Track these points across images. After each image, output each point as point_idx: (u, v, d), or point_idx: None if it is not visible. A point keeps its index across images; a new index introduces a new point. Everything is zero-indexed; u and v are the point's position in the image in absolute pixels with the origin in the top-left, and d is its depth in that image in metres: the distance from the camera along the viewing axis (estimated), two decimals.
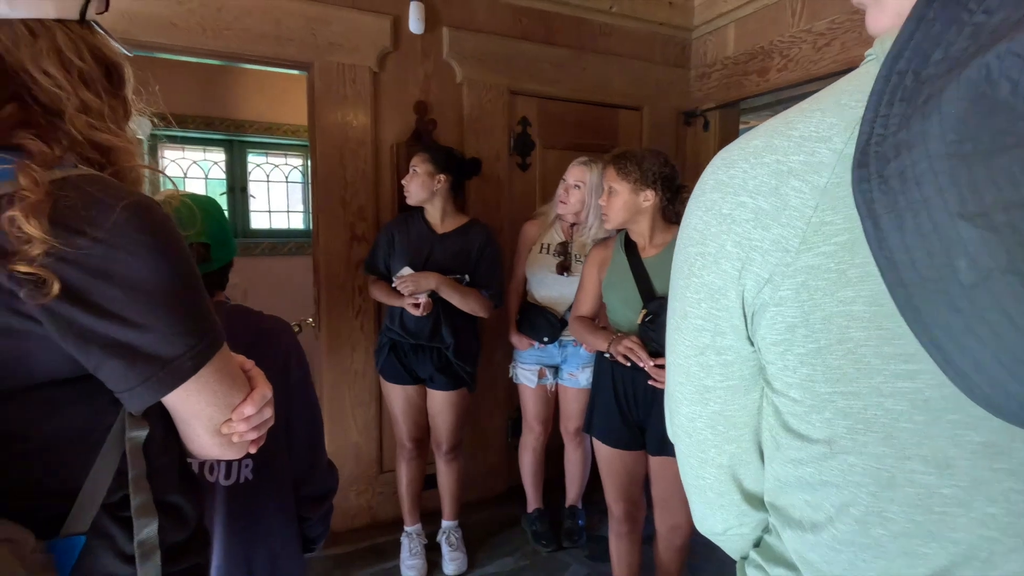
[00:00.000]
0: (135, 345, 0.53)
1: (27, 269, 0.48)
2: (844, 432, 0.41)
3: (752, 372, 0.48)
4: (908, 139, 0.30)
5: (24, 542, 0.50)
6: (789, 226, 0.41)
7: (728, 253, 0.44)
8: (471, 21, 2.47)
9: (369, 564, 2.24)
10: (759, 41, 2.58)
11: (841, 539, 0.43)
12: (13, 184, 0.49)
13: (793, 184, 0.41)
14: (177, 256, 0.56)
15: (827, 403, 0.41)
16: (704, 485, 0.55)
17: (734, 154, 0.46)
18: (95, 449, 0.56)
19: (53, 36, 0.55)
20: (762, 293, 0.43)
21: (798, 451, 0.45)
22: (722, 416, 0.50)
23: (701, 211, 0.47)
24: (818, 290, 0.40)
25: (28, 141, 0.52)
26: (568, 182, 2.17)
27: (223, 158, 3.70)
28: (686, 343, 0.50)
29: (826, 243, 0.39)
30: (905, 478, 0.39)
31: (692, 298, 0.48)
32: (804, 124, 0.42)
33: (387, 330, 2.13)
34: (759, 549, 0.55)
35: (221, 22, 2.03)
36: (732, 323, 0.46)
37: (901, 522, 0.40)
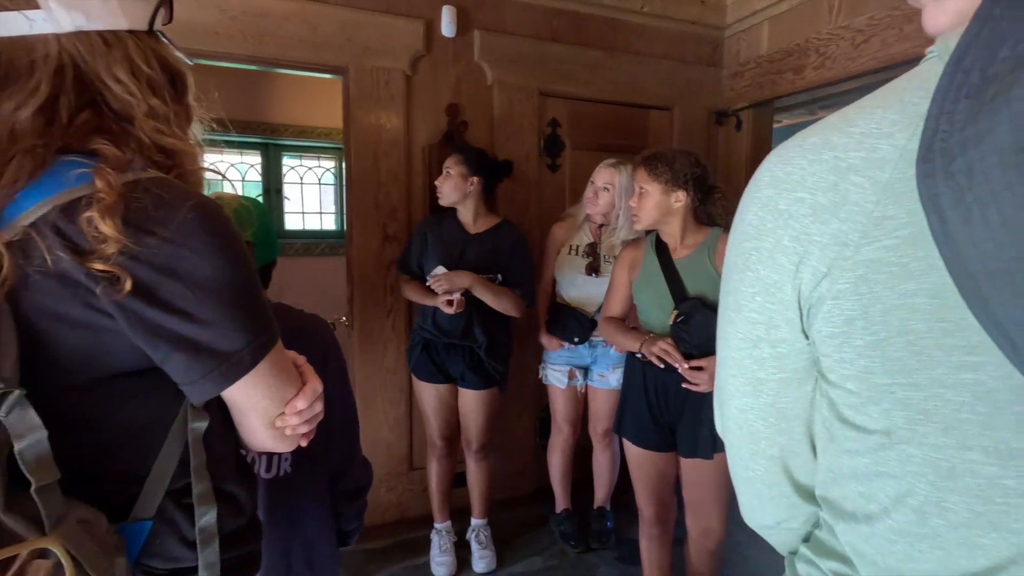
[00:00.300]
0: (198, 340, 0.56)
1: (102, 267, 0.51)
2: (903, 423, 0.41)
3: (805, 365, 0.48)
4: (975, 135, 0.30)
5: (99, 524, 0.54)
6: (849, 221, 0.41)
7: (785, 248, 0.45)
8: (502, 23, 2.49)
9: (400, 559, 2.28)
10: (794, 39, 2.54)
11: (897, 530, 0.43)
12: (90, 187, 0.52)
13: (853, 179, 0.41)
14: (237, 255, 0.59)
15: (885, 394, 0.42)
16: (754, 477, 0.56)
17: (791, 151, 0.46)
18: (161, 438, 0.59)
19: (125, 46, 0.59)
20: (820, 287, 0.43)
21: (854, 442, 0.45)
22: (774, 408, 0.51)
23: (756, 207, 0.48)
24: (878, 283, 0.40)
25: (103, 146, 0.55)
26: (596, 184, 2.17)
27: (259, 161, 3.80)
28: (739, 336, 0.51)
29: (888, 237, 0.40)
30: (966, 468, 0.39)
31: (747, 292, 0.49)
32: (864, 121, 0.42)
33: (420, 329, 2.16)
34: (809, 544, 0.55)
35: (261, 29, 2.09)
36: (787, 316, 0.47)
37: (961, 512, 0.40)
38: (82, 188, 0.53)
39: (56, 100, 0.55)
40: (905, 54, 2.08)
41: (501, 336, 2.16)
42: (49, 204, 0.52)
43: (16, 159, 0.52)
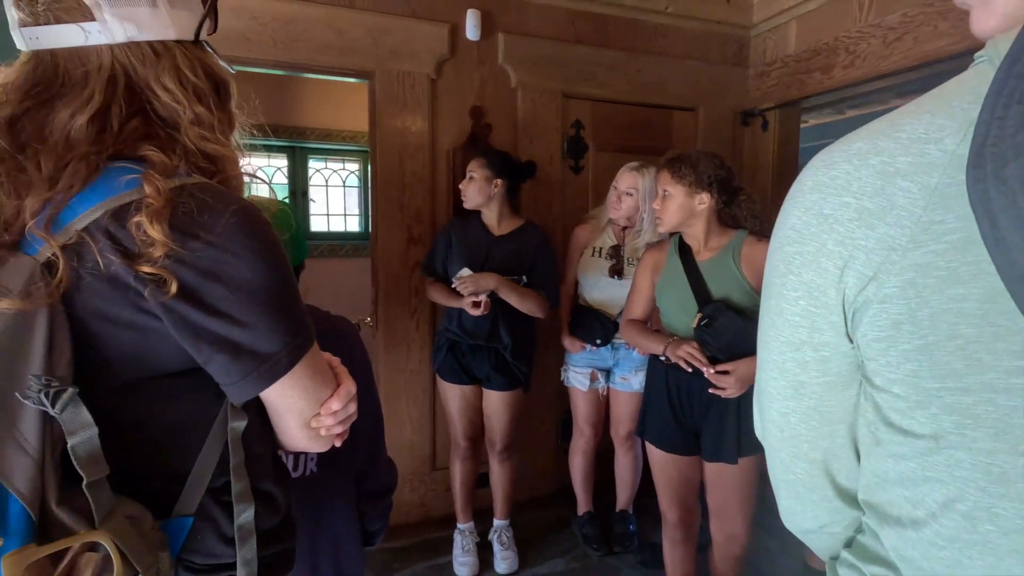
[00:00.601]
0: (239, 342, 0.57)
1: (150, 270, 0.53)
2: (951, 427, 0.41)
3: (849, 368, 0.48)
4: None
5: (144, 520, 0.55)
6: (896, 225, 0.41)
7: (829, 252, 0.45)
8: (526, 26, 2.50)
9: (423, 559, 2.29)
10: (823, 37, 2.49)
11: (945, 535, 0.43)
12: (139, 192, 0.54)
13: (901, 184, 0.41)
14: (277, 259, 0.60)
15: (933, 398, 0.42)
16: (795, 480, 0.56)
17: (835, 156, 0.46)
18: (202, 437, 0.61)
19: (173, 55, 0.61)
20: (865, 291, 0.43)
21: (900, 446, 0.45)
22: (817, 412, 0.51)
23: (800, 211, 0.48)
24: (927, 287, 0.40)
25: (151, 152, 0.57)
26: (620, 189, 2.17)
27: (286, 164, 3.86)
28: (781, 339, 0.51)
29: (936, 242, 0.40)
30: (1018, 474, 0.39)
31: (789, 295, 0.49)
32: (912, 126, 0.42)
33: (445, 331, 2.18)
34: (852, 549, 0.54)
35: (290, 35, 2.13)
36: (831, 320, 0.47)
37: (1012, 519, 0.40)
38: (132, 193, 0.54)
39: (108, 108, 0.58)
40: (939, 52, 2.03)
41: (526, 337, 2.16)
42: (101, 209, 0.54)
43: (71, 165, 0.55)
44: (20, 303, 0.50)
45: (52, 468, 0.50)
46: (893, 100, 3.54)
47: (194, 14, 0.64)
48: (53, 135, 0.57)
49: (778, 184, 2.84)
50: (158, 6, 0.59)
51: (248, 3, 2.06)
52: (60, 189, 0.54)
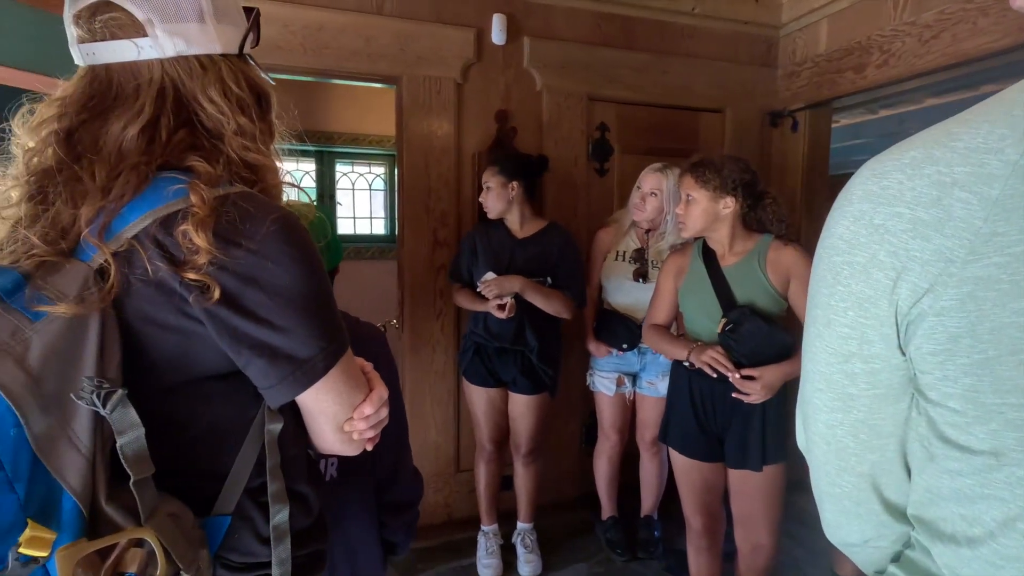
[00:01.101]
0: (276, 346, 0.59)
1: (195, 276, 0.55)
2: (1014, 444, 0.40)
3: (901, 381, 0.47)
4: None
5: (186, 518, 0.57)
6: (954, 237, 0.40)
7: (881, 263, 0.44)
8: (551, 30, 2.50)
9: (447, 560, 2.31)
10: (855, 36, 2.44)
11: (1005, 554, 0.42)
12: (186, 201, 0.56)
13: (958, 195, 0.40)
14: (314, 266, 0.62)
15: (994, 414, 0.41)
16: (841, 493, 0.55)
17: (887, 165, 0.46)
18: (240, 439, 0.63)
19: (219, 68, 0.63)
20: (920, 303, 0.43)
21: (956, 462, 0.44)
22: (866, 425, 0.50)
23: (848, 221, 0.47)
24: (987, 300, 0.39)
25: (196, 163, 0.60)
26: (644, 190, 2.15)
27: (314, 168, 3.93)
28: (829, 351, 0.51)
29: (998, 254, 0.39)
30: None
31: (838, 306, 0.48)
32: (970, 135, 0.41)
33: (471, 334, 2.19)
34: (899, 564, 0.53)
35: (319, 42, 2.17)
36: (882, 332, 0.46)
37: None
38: (178, 202, 0.57)
39: (158, 120, 0.60)
40: (980, 49, 1.97)
41: (552, 340, 2.16)
42: (150, 217, 0.56)
43: (123, 175, 0.57)
44: (75, 308, 0.52)
45: (102, 466, 0.52)
46: (928, 99, 3.45)
47: (238, 29, 0.66)
48: (107, 146, 0.60)
49: (808, 186, 2.79)
50: (206, 22, 0.62)
51: (279, 11, 2.11)
52: (112, 198, 0.57)
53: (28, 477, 0.48)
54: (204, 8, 0.62)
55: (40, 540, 0.45)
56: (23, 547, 0.45)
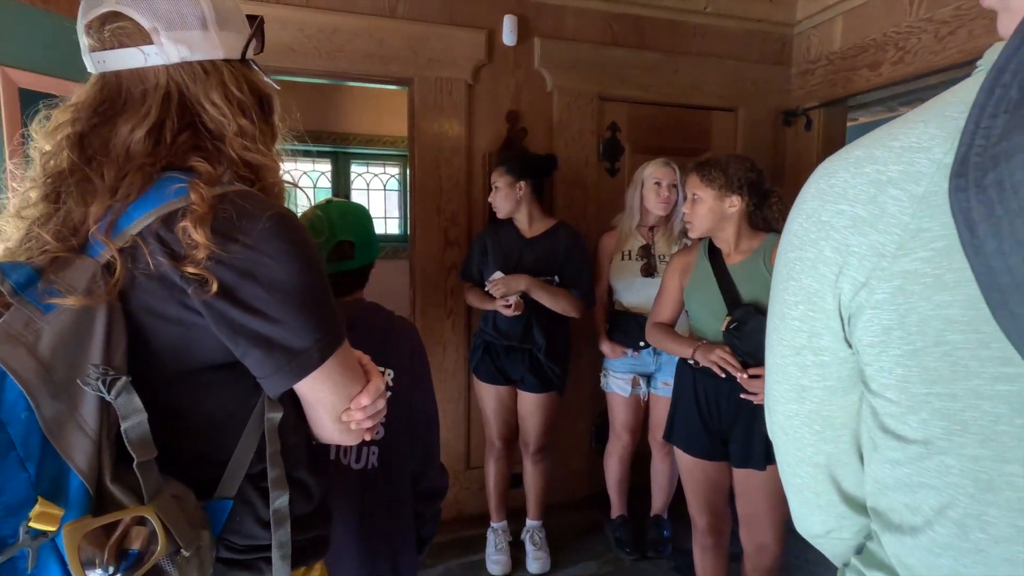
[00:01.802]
0: (272, 337, 0.62)
1: (194, 270, 0.58)
2: (940, 433, 0.41)
3: (850, 373, 0.49)
4: (1008, 150, 0.30)
5: (188, 500, 0.60)
6: (886, 232, 0.42)
7: (826, 258, 0.46)
8: (562, 30, 2.51)
9: (456, 556, 2.33)
10: (870, 33, 2.41)
11: (940, 543, 0.43)
12: (186, 199, 0.60)
13: (891, 192, 0.42)
14: (310, 261, 0.64)
15: (923, 404, 0.42)
16: (801, 484, 0.56)
17: (836, 164, 0.47)
18: (241, 427, 0.66)
19: (221, 73, 0.67)
20: (858, 296, 0.44)
21: (895, 451, 0.45)
22: (819, 416, 0.52)
23: (802, 218, 0.49)
24: (914, 294, 0.41)
25: (198, 163, 0.63)
26: (663, 184, 2.17)
27: (329, 169, 4.00)
28: (784, 343, 0.52)
29: (923, 249, 0.40)
30: (1005, 482, 0.39)
31: (790, 300, 0.51)
32: (906, 135, 0.43)
33: (481, 332, 2.22)
34: (861, 556, 0.54)
35: (333, 45, 2.21)
36: (828, 325, 0.48)
37: (1002, 527, 0.40)
38: (179, 201, 0.60)
39: (163, 123, 0.64)
40: None
41: (560, 339, 2.18)
42: (153, 215, 0.60)
43: (129, 176, 0.61)
44: (83, 300, 0.56)
45: (108, 449, 0.55)
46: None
47: (241, 36, 0.69)
48: (115, 148, 0.63)
49: None
50: (208, 29, 0.65)
51: (294, 16, 2.16)
52: (119, 197, 0.60)
53: (39, 457, 0.51)
54: (207, 16, 0.65)
55: (49, 516, 0.48)
56: (33, 522, 0.48)
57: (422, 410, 1.21)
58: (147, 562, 0.54)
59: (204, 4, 0.65)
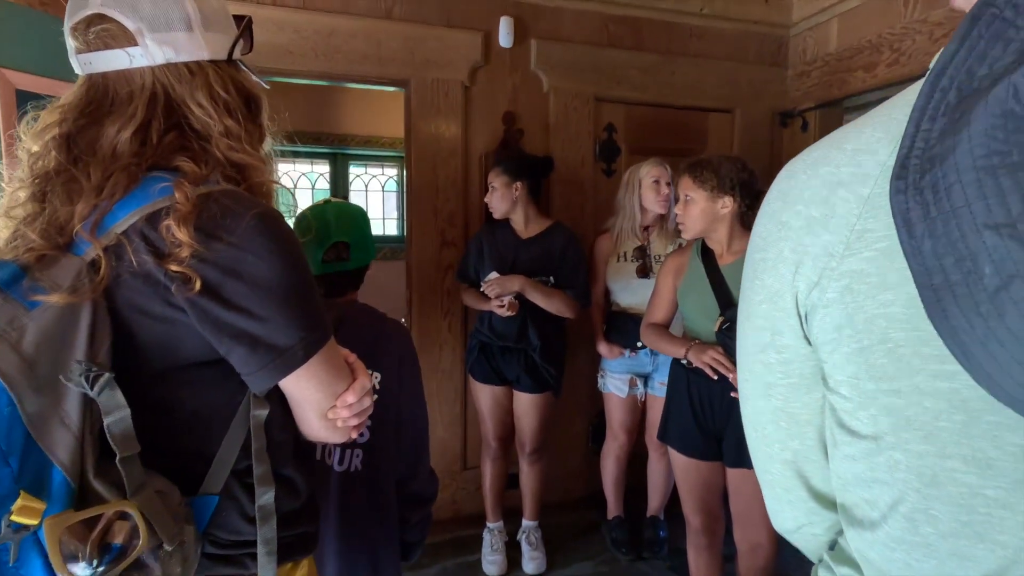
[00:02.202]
0: (256, 335, 0.62)
1: (177, 268, 0.59)
2: (888, 429, 0.42)
3: (812, 371, 0.49)
4: (942, 152, 0.31)
5: (172, 495, 0.61)
6: (836, 233, 0.43)
7: (785, 258, 0.47)
8: (559, 32, 2.52)
9: (452, 556, 2.33)
10: (866, 35, 2.42)
11: (894, 537, 0.44)
12: (171, 198, 0.60)
13: (841, 194, 0.43)
14: (294, 259, 0.65)
15: (872, 400, 0.43)
16: (772, 480, 0.57)
17: (796, 165, 0.49)
18: (227, 423, 0.66)
19: (207, 74, 0.67)
20: (812, 295, 0.45)
21: (850, 447, 0.46)
22: (784, 412, 0.53)
23: (765, 219, 0.51)
24: (860, 293, 0.42)
25: (183, 163, 0.64)
26: (662, 182, 2.18)
27: (327, 170, 4.01)
28: (750, 341, 0.54)
29: (868, 249, 0.41)
30: (947, 477, 0.40)
31: (755, 299, 0.52)
32: (856, 138, 0.44)
33: (477, 332, 2.22)
34: (832, 552, 0.55)
35: (331, 46, 2.22)
36: (789, 323, 0.48)
37: (947, 522, 0.41)
38: (164, 200, 0.61)
39: (149, 124, 0.64)
40: None
41: (555, 339, 2.18)
42: (138, 214, 0.60)
43: (115, 175, 0.62)
44: (68, 297, 0.57)
45: (91, 444, 0.56)
46: None
47: (228, 36, 0.70)
48: (102, 148, 0.64)
49: None
50: (193, 30, 0.66)
51: (291, 17, 2.16)
52: (104, 196, 0.61)
53: (21, 452, 0.52)
54: (192, 17, 0.66)
55: (30, 509, 0.49)
56: (15, 515, 0.49)
57: (410, 415, 1.21)
58: (129, 556, 0.55)
59: (189, 5, 0.66)
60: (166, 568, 0.58)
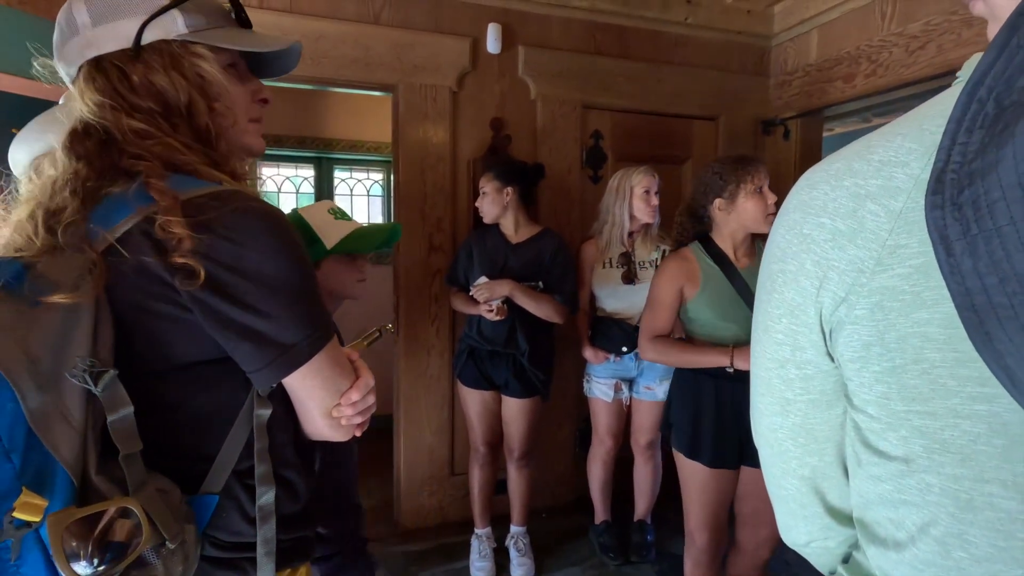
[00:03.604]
0: (262, 331, 0.62)
1: (181, 260, 0.58)
2: (921, 451, 0.41)
3: (834, 387, 0.48)
4: (983, 167, 0.30)
5: (173, 494, 0.60)
6: (865, 247, 0.42)
7: (807, 271, 0.46)
8: (546, 39, 2.55)
9: (440, 563, 2.32)
10: (844, 46, 2.49)
11: (923, 560, 0.43)
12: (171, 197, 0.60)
13: (870, 207, 0.42)
14: (298, 258, 0.65)
15: (903, 421, 0.42)
16: (786, 495, 0.56)
17: (817, 176, 0.47)
18: (229, 422, 0.66)
19: (107, 73, 0.67)
20: (838, 311, 0.44)
21: (877, 467, 0.45)
22: (803, 429, 0.51)
23: (783, 230, 0.49)
24: (892, 310, 0.41)
25: (191, 164, 0.64)
26: (651, 192, 2.19)
27: (312, 174, 3.98)
28: (768, 356, 0.52)
29: (901, 265, 0.40)
30: (985, 501, 0.39)
31: (773, 313, 0.50)
32: (884, 148, 0.43)
33: (466, 337, 2.22)
34: (847, 565, 0.54)
35: (318, 51, 2.22)
36: (811, 339, 0.47)
37: (983, 547, 0.39)
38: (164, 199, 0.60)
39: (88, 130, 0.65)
40: (964, 60, 1.98)
41: (544, 344, 2.19)
42: (140, 214, 0.60)
43: (116, 175, 0.62)
44: (70, 295, 0.56)
45: (93, 441, 0.55)
46: None
47: (133, 20, 0.66)
48: (91, 152, 0.64)
49: None
50: (80, 33, 0.66)
51: (278, 21, 2.16)
52: (108, 193, 0.61)
53: (24, 448, 0.51)
54: (79, 21, 0.65)
55: (33, 506, 0.48)
56: (17, 512, 0.48)
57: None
58: (131, 553, 0.54)
59: (80, 9, 0.65)
60: (168, 566, 0.57)
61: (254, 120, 0.76)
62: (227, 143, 0.71)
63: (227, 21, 0.73)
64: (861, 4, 2.40)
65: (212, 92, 0.68)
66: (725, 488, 1.66)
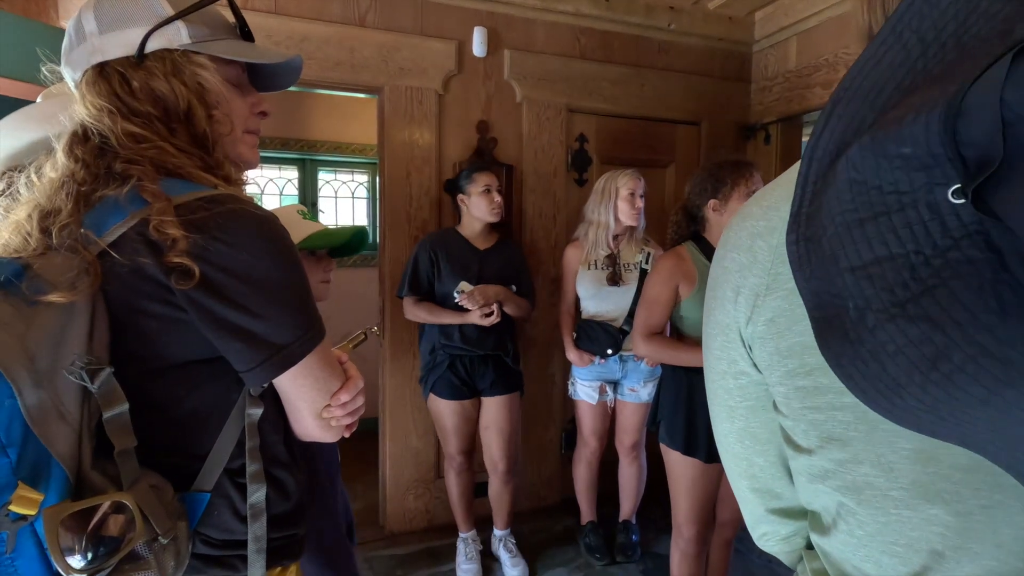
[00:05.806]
0: (254, 331, 0.62)
1: (177, 259, 0.59)
2: (817, 442, 0.48)
3: (765, 393, 0.55)
4: (816, 209, 0.37)
5: (166, 490, 0.60)
6: (758, 276, 0.51)
7: (728, 296, 0.54)
8: (531, 43, 2.57)
9: (426, 566, 2.31)
10: (823, 53, 2.55)
11: (842, 540, 0.49)
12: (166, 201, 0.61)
13: (759, 244, 0.51)
14: (291, 260, 0.66)
15: (801, 417, 0.49)
16: (743, 496, 0.63)
17: (735, 218, 0.56)
18: (222, 421, 0.66)
19: (108, 78, 0.69)
20: (748, 328, 0.52)
21: (796, 460, 0.52)
22: (747, 432, 0.58)
23: (714, 263, 0.58)
24: (781, 324, 0.49)
25: (184, 168, 0.65)
26: (637, 193, 2.21)
27: (296, 175, 3.95)
28: (712, 369, 0.59)
29: (781, 288, 0.49)
30: (864, 481, 0.45)
31: (711, 332, 0.58)
32: (769, 196, 0.52)
33: (445, 347, 2.15)
34: (810, 552, 0.59)
35: (304, 52, 2.21)
36: (740, 352, 0.55)
37: (871, 524, 0.46)
38: (159, 201, 0.61)
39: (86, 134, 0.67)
40: None
41: (516, 341, 2.29)
42: (136, 217, 0.61)
43: (111, 179, 0.63)
44: (67, 295, 0.57)
45: (88, 437, 0.55)
46: None
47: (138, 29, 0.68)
48: (89, 157, 0.65)
49: None
50: (87, 40, 0.67)
51: (263, 23, 2.15)
52: (101, 197, 0.61)
53: (20, 444, 0.51)
54: (87, 29, 0.66)
55: (28, 500, 0.48)
56: (13, 505, 0.49)
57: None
58: (124, 547, 0.54)
59: (88, 17, 0.66)
60: (160, 560, 0.57)
61: (251, 132, 0.77)
62: (223, 150, 0.72)
63: (230, 34, 0.74)
64: (839, 12, 2.46)
65: (211, 100, 0.70)
66: (715, 480, 1.71)
